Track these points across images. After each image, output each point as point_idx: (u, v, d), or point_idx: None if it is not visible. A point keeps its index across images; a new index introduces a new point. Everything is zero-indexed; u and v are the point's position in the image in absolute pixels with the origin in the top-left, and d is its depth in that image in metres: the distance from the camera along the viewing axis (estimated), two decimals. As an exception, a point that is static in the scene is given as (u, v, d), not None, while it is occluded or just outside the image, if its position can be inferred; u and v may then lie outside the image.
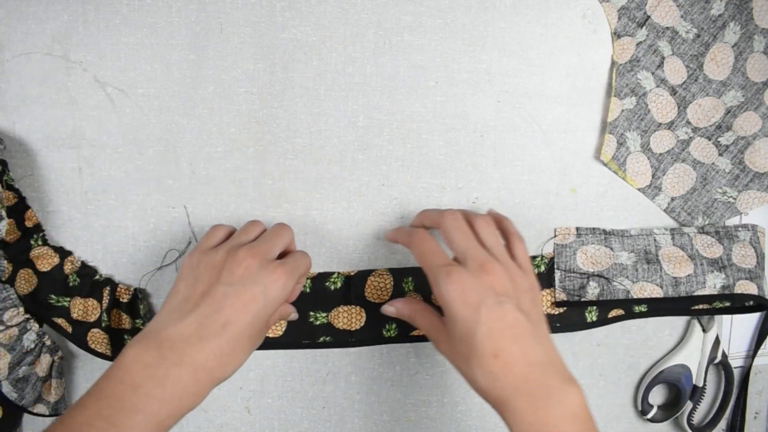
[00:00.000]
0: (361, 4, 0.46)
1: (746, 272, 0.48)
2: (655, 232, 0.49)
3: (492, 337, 0.35)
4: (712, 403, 0.55)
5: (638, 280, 0.48)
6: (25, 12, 0.44)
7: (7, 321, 0.44)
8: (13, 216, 0.45)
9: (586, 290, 0.47)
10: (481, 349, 0.34)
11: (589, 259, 0.48)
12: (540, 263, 0.49)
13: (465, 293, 0.35)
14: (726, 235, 0.49)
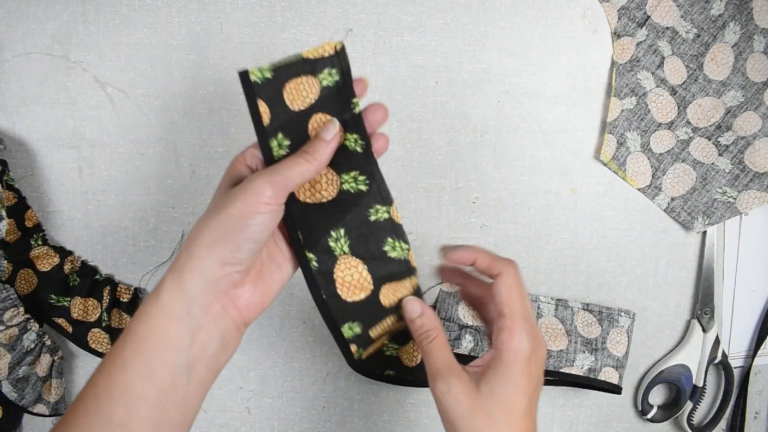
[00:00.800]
0: (361, 4, 0.46)
1: (614, 359, 0.48)
2: (541, 299, 0.49)
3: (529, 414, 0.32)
4: (712, 403, 0.55)
5: None
6: (25, 12, 0.44)
7: (7, 321, 0.44)
8: (13, 216, 0.45)
9: (461, 342, 0.48)
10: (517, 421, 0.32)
11: (470, 312, 0.48)
12: None
13: (535, 366, 0.32)
14: (608, 317, 0.49)
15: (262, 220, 0.30)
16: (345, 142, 0.35)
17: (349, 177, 0.36)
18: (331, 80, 0.33)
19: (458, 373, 0.33)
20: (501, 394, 0.31)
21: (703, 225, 0.51)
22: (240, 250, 0.30)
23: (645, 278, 0.52)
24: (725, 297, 0.53)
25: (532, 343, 0.32)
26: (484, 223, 0.50)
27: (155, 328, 0.30)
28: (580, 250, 0.51)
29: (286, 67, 0.32)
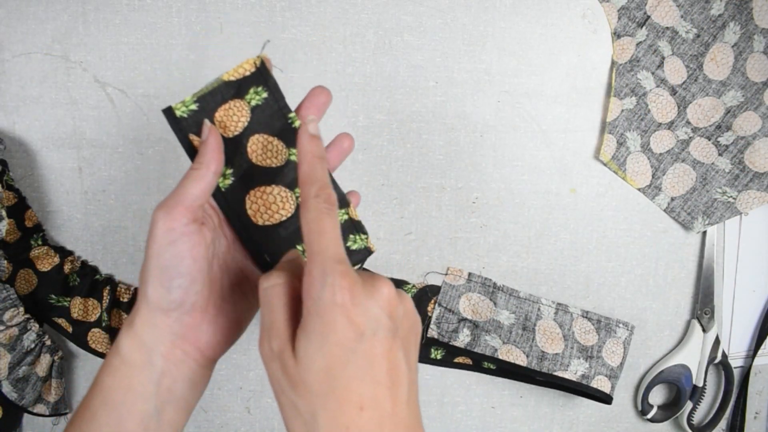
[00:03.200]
0: (361, 4, 0.46)
1: (608, 369, 0.49)
2: (542, 302, 0.49)
3: (366, 378, 0.25)
4: (712, 403, 0.55)
5: (509, 342, 0.48)
6: (25, 12, 0.44)
7: (7, 321, 0.44)
8: (13, 216, 0.45)
9: (457, 335, 0.48)
10: (345, 391, 0.25)
11: (470, 307, 0.48)
12: (409, 290, 0.50)
13: (354, 308, 0.25)
14: (606, 327, 0.50)
15: (175, 250, 0.27)
16: (290, 156, 0.33)
17: None
18: (259, 99, 0.32)
19: (290, 335, 0.26)
20: (315, 358, 0.25)
21: (703, 225, 0.51)
22: (170, 291, 0.28)
23: (645, 278, 0.52)
24: (725, 297, 0.53)
25: (347, 290, 0.25)
26: (484, 223, 0.50)
27: (120, 378, 0.29)
28: (580, 250, 0.51)
29: (210, 95, 0.30)
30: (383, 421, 0.25)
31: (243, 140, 0.32)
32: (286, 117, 0.33)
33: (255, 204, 0.33)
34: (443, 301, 0.48)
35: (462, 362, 0.50)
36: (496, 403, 0.52)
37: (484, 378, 0.52)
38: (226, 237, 0.32)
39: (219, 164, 0.29)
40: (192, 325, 0.29)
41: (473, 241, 0.50)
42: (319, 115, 0.32)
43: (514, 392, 0.52)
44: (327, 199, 0.27)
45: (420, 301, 0.49)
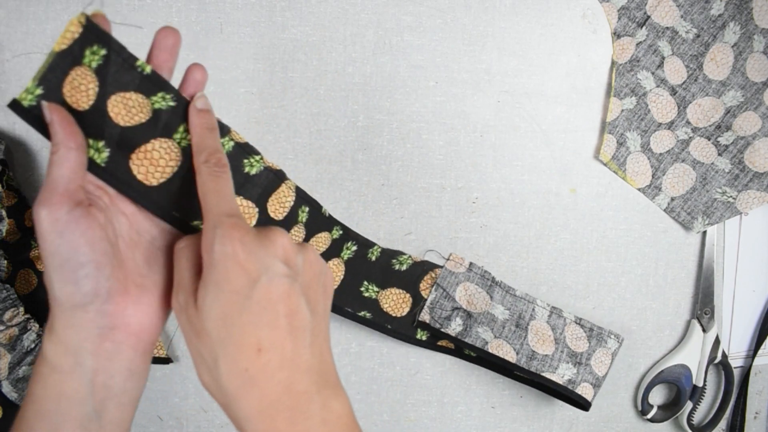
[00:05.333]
0: (361, 4, 0.46)
1: (594, 377, 0.48)
2: (538, 304, 0.49)
3: (262, 323, 0.26)
4: (712, 403, 0.55)
5: (500, 337, 0.48)
6: (25, 12, 0.44)
7: (7, 321, 0.44)
8: (13, 216, 0.45)
9: (450, 323, 0.48)
10: (242, 336, 0.25)
11: (466, 296, 0.48)
12: (404, 261, 0.49)
13: (246, 256, 0.26)
14: (597, 336, 0.49)
15: (67, 241, 0.26)
16: (154, 105, 0.31)
17: (179, 134, 0.32)
18: (99, 58, 0.29)
19: (243, 228, 0.26)
20: (212, 307, 0.26)
21: (703, 225, 0.51)
22: (79, 285, 0.26)
23: (645, 278, 0.52)
24: (725, 297, 0.53)
25: (238, 241, 0.25)
26: (484, 223, 0.50)
27: (50, 387, 0.27)
28: (580, 250, 0.51)
29: (50, 72, 0.28)
30: (283, 363, 0.26)
31: (101, 107, 0.30)
32: (134, 66, 0.30)
33: (142, 167, 0.31)
34: (441, 287, 0.48)
35: (444, 345, 0.50)
36: (496, 403, 0.52)
37: (484, 378, 0.52)
38: (124, 212, 0.30)
39: (76, 138, 0.27)
40: (116, 312, 0.28)
41: (473, 241, 0.50)
42: (173, 58, 0.31)
43: (514, 392, 0.52)
44: (217, 162, 0.29)
45: (413, 276, 0.49)
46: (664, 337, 0.53)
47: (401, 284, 0.48)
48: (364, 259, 0.47)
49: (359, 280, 0.47)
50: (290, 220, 0.39)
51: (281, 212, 0.38)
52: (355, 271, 0.47)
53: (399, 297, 0.48)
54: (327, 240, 0.44)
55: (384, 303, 0.48)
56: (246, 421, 0.26)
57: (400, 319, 0.49)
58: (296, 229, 0.41)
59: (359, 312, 0.47)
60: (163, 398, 0.50)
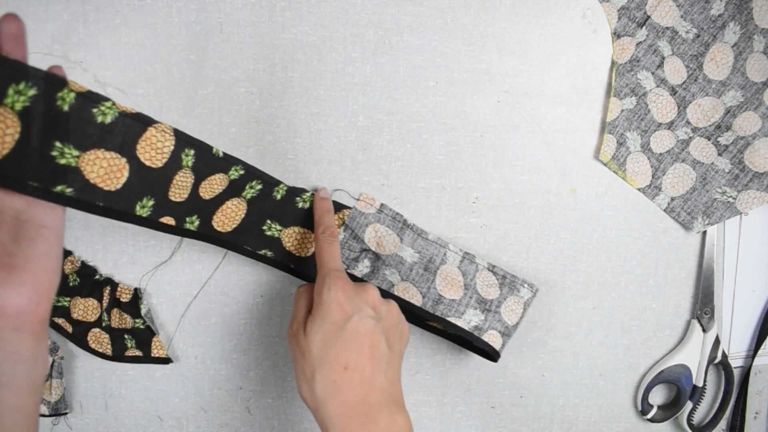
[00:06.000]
0: (361, 4, 0.46)
1: (503, 325, 0.48)
2: (450, 248, 0.48)
3: (351, 348, 0.35)
4: (712, 403, 0.55)
5: (407, 280, 0.47)
6: (25, 12, 0.44)
7: (7, 321, 0.44)
8: (13, 216, 0.45)
9: (357, 264, 0.47)
10: (335, 356, 0.34)
11: (376, 238, 0.47)
12: (308, 199, 0.46)
13: (345, 299, 0.36)
14: (510, 284, 0.48)
15: None
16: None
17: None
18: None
19: (345, 280, 0.37)
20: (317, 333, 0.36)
21: (703, 225, 0.51)
22: None
23: (645, 278, 0.52)
24: (725, 297, 0.53)
25: (340, 288, 0.36)
26: (484, 223, 0.50)
27: None
28: (580, 250, 0.51)
29: None
30: (362, 380, 0.34)
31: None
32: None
33: None
34: (349, 228, 0.47)
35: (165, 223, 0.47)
36: (496, 403, 0.52)
37: (484, 378, 0.52)
38: None
39: None
40: None
41: (473, 241, 0.50)
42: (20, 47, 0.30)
43: (514, 392, 0.52)
44: (330, 234, 0.42)
45: None
46: (664, 337, 0.53)
47: (305, 223, 0.46)
48: (269, 198, 0.45)
49: (262, 219, 0.45)
50: (172, 166, 0.37)
51: (159, 159, 0.36)
52: (258, 210, 0.44)
53: (303, 236, 0.46)
54: (223, 181, 0.41)
55: (286, 242, 0.46)
56: (329, 420, 0.33)
57: (304, 260, 0.47)
58: (182, 175, 0.38)
59: (259, 250, 0.46)
60: (163, 398, 0.50)
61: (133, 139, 0.35)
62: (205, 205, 0.41)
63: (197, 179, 0.39)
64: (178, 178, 0.38)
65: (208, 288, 0.49)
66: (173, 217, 0.39)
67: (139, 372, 0.50)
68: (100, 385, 0.50)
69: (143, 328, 0.47)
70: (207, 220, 0.42)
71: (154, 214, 0.37)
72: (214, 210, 0.42)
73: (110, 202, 0.34)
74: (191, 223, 0.41)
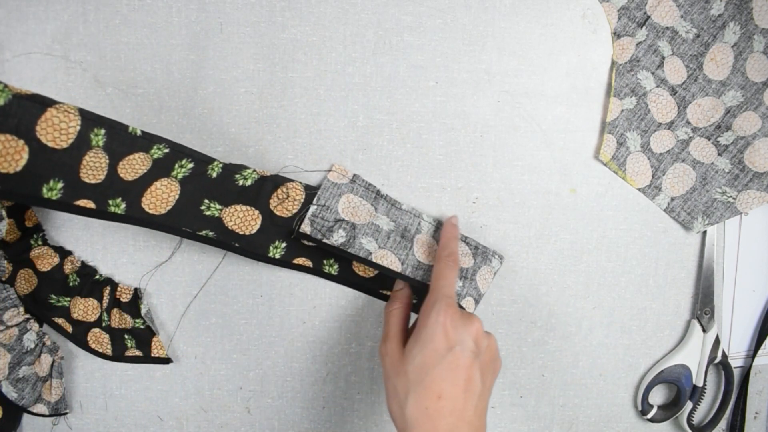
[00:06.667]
0: (361, 4, 0.46)
1: (477, 293, 0.48)
2: (424, 218, 0.48)
3: (447, 378, 0.35)
4: (712, 403, 0.55)
5: (385, 247, 0.46)
6: (25, 12, 0.44)
7: (7, 321, 0.44)
8: (13, 216, 0.45)
9: (332, 234, 0.45)
10: (431, 383, 0.35)
11: (350, 208, 0.46)
12: (249, 176, 0.45)
13: (451, 328, 0.37)
14: (482, 254, 0.49)
15: None
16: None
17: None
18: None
19: (400, 340, 0.38)
20: (416, 356, 0.37)
21: (703, 225, 0.51)
22: None
23: (645, 278, 0.52)
24: (725, 297, 0.53)
25: (449, 316, 0.37)
26: (484, 223, 0.50)
27: None
28: (580, 250, 0.51)
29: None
30: (453, 411, 0.34)
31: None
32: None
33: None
34: (322, 198, 0.46)
35: (301, 264, 0.47)
36: (496, 403, 0.53)
37: (484, 378, 0.52)
38: None
39: None
40: None
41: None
42: None
43: (514, 392, 0.52)
44: (454, 260, 0.42)
45: (261, 191, 0.45)
46: (664, 337, 0.53)
47: (247, 200, 0.45)
48: (203, 176, 0.43)
49: (199, 199, 0.43)
50: (80, 147, 0.35)
51: (64, 140, 0.35)
52: (193, 190, 0.42)
53: (246, 214, 0.45)
54: (145, 161, 0.40)
55: (228, 221, 0.44)
56: None
57: (249, 237, 0.45)
58: (93, 155, 0.36)
59: (200, 231, 0.43)
60: (163, 398, 0.50)
61: (31, 120, 0.33)
62: (130, 187, 0.39)
63: (113, 159, 0.38)
64: (88, 158, 0.36)
65: (208, 288, 0.49)
66: (91, 200, 0.37)
67: (139, 372, 0.50)
68: (100, 385, 0.50)
69: (143, 328, 0.47)
70: (135, 203, 0.40)
71: (67, 197, 0.36)
72: (141, 192, 0.40)
73: (11, 184, 0.33)
74: (116, 206, 0.39)
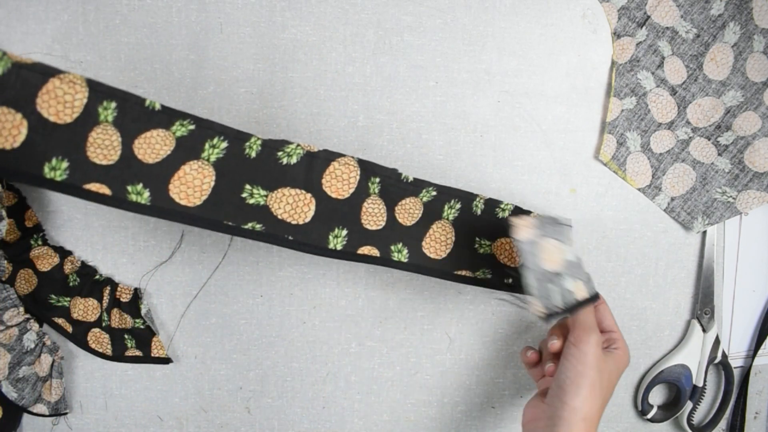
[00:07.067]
0: (361, 4, 0.46)
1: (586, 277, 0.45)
2: None
3: (595, 387, 0.42)
4: (712, 403, 0.55)
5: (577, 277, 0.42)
6: (25, 12, 0.44)
7: (7, 321, 0.44)
8: (13, 216, 0.46)
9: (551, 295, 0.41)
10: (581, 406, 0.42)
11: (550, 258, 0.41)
12: (293, 152, 0.38)
13: (605, 370, 0.42)
14: None
15: None
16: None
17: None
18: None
19: (598, 333, 0.41)
20: (610, 373, 0.43)
21: (703, 225, 0.51)
22: None
23: (645, 278, 0.52)
24: (725, 297, 0.53)
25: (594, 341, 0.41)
26: (484, 223, 0.50)
27: None
28: (580, 250, 0.51)
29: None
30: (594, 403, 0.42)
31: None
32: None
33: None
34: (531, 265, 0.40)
35: (367, 254, 0.41)
36: (496, 403, 0.53)
37: (484, 378, 0.52)
38: None
39: None
40: None
41: (473, 241, 0.50)
42: None
43: (515, 392, 0.52)
44: None
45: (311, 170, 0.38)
46: (664, 337, 0.53)
47: (295, 182, 0.38)
48: (241, 157, 0.36)
49: (239, 185, 0.37)
50: (86, 121, 0.32)
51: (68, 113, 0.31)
52: (230, 174, 0.36)
53: (296, 198, 0.38)
54: (167, 140, 0.34)
55: (276, 208, 0.38)
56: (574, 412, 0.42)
57: (303, 227, 0.38)
58: (100, 131, 0.32)
59: (245, 225, 0.37)
60: (163, 398, 0.50)
61: (31, 92, 0.30)
62: (153, 171, 0.34)
63: (126, 137, 0.33)
64: (95, 135, 0.32)
65: (208, 288, 0.49)
66: (105, 184, 0.32)
67: (139, 372, 0.50)
68: (100, 385, 0.50)
69: (143, 328, 0.47)
70: (161, 191, 0.34)
71: (73, 179, 0.31)
72: (167, 178, 0.34)
73: (8, 162, 0.30)
74: (138, 194, 0.33)
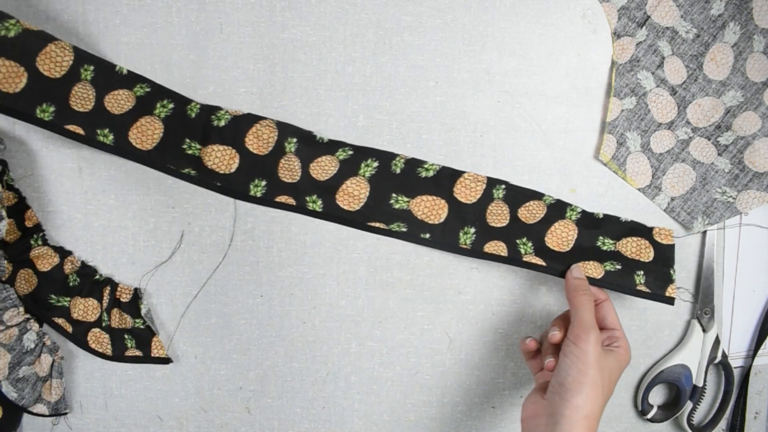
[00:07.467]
0: (361, 4, 0.46)
1: None
2: None
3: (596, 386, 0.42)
4: (712, 403, 0.55)
5: None
6: (25, 12, 0.44)
7: (7, 321, 0.44)
8: (13, 216, 0.46)
9: None
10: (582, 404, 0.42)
11: None
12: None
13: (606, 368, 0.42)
14: None
15: None
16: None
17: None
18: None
19: (598, 331, 0.42)
20: (611, 371, 0.43)
21: (702, 225, 0.51)
22: None
23: (645, 278, 0.52)
24: (725, 297, 0.53)
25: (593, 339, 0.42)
26: (484, 223, 0.50)
27: None
28: (580, 250, 0.51)
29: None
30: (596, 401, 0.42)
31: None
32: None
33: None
34: None
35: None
36: (496, 403, 0.52)
37: (484, 378, 0.52)
38: None
39: None
40: None
41: (473, 241, 0.50)
42: None
43: (515, 392, 0.52)
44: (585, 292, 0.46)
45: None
46: (664, 337, 0.53)
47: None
48: (183, 116, 0.45)
49: (180, 137, 0.45)
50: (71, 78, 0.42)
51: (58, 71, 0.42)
52: (173, 128, 0.45)
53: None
54: (130, 98, 0.44)
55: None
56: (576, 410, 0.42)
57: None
58: (81, 87, 0.42)
59: (183, 169, 0.45)
60: (163, 398, 0.50)
61: (33, 51, 0.41)
62: (116, 120, 0.43)
63: (99, 93, 0.43)
64: (77, 89, 0.42)
65: (208, 288, 0.49)
66: (80, 126, 0.42)
67: (139, 372, 0.50)
68: (100, 385, 0.50)
69: (143, 328, 0.47)
70: (123, 135, 0.44)
71: (58, 120, 0.42)
72: (128, 126, 0.44)
73: (10, 102, 0.40)
74: (104, 136, 0.43)
